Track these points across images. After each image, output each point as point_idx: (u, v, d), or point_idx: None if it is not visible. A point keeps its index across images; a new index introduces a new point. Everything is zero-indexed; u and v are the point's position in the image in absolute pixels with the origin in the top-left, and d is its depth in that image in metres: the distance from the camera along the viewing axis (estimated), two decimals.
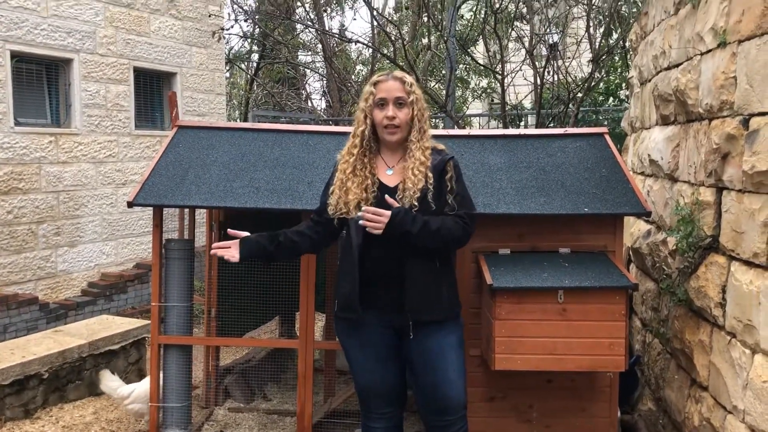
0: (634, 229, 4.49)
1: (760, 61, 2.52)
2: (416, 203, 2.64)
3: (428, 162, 2.71)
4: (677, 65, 3.55)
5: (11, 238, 6.56)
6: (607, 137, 3.81)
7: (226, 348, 5.56)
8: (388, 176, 2.77)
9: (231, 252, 2.77)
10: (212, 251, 2.83)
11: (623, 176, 3.50)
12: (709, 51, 3.05)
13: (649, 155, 4.10)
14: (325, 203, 2.79)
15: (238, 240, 2.80)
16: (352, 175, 2.72)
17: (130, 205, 3.43)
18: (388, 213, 2.58)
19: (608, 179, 3.49)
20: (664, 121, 3.86)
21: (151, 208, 3.60)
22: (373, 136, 2.79)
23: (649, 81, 4.24)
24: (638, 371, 4.20)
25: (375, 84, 2.76)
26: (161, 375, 3.74)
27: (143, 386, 4.11)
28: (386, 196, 2.65)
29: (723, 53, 2.87)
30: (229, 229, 2.83)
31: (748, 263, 2.63)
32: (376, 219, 2.58)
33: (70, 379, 4.72)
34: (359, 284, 2.68)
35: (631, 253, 4.48)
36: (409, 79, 2.79)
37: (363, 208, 2.62)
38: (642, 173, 4.36)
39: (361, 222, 2.60)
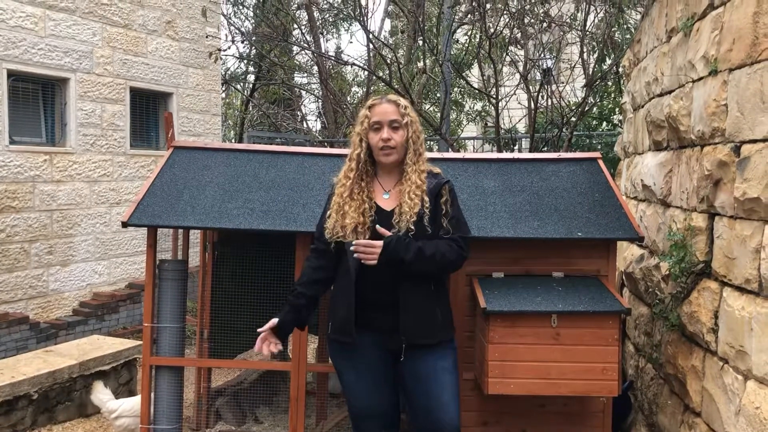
0: (627, 253, 4.50)
1: (751, 90, 2.55)
2: (412, 227, 2.65)
3: (424, 185, 2.72)
4: (669, 92, 3.59)
5: (3, 256, 6.53)
6: (601, 162, 3.84)
7: (217, 369, 5.52)
8: (385, 200, 2.78)
9: (274, 346, 2.81)
10: (263, 352, 2.80)
11: (616, 201, 3.53)
12: (701, 78, 3.09)
13: (642, 180, 4.12)
14: (322, 228, 2.80)
15: (271, 332, 2.81)
16: (349, 199, 2.73)
17: (124, 225, 3.43)
18: (380, 243, 2.59)
19: (601, 204, 3.51)
20: (657, 146, 3.89)
21: (145, 228, 3.59)
22: (369, 159, 2.81)
23: (642, 107, 4.29)
24: (631, 396, 4.19)
25: (370, 107, 2.79)
26: (152, 396, 3.71)
27: (131, 402, 4.10)
28: (377, 226, 2.66)
29: (714, 81, 2.91)
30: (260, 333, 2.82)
31: (740, 289, 2.65)
32: (368, 251, 2.60)
33: (59, 400, 4.67)
34: (354, 308, 2.68)
35: (624, 277, 4.49)
36: (403, 102, 2.82)
37: (354, 242, 2.63)
38: (635, 198, 4.39)
39: (355, 256, 2.62)
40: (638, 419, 4.09)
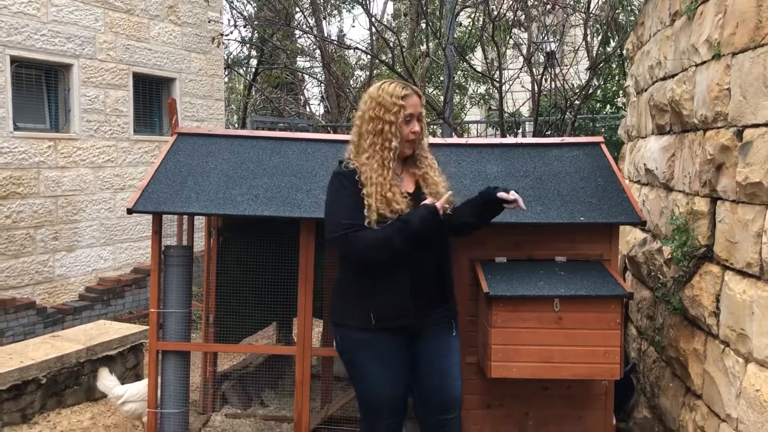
0: (630, 237, 4.52)
1: (754, 74, 2.55)
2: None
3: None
4: (672, 76, 3.59)
5: (9, 242, 6.58)
6: (604, 146, 3.84)
7: (223, 354, 5.57)
8: (402, 183, 2.86)
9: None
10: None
11: (619, 185, 3.53)
12: (704, 62, 3.08)
13: (644, 164, 4.13)
14: (358, 216, 2.70)
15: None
16: (391, 187, 2.73)
17: (129, 211, 3.45)
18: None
19: (604, 188, 3.52)
20: (660, 130, 3.89)
21: (150, 215, 3.61)
22: None
23: (645, 90, 4.28)
24: (634, 379, 4.22)
25: (403, 98, 2.76)
26: (159, 381, 3.75)
27: (137, 386, 4.14)
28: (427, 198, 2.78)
29: (717, 65, 2.91)
30: None
31: (741, 273, 2.66)
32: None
33: (67, 384, 4.73)
34: (410, 289, 2.75)
35: (626, 261, 4.50)
36: (422, 95, 2.91)
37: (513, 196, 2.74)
38: (638, 182, 4.40)
39: (514, 206, 2.73)
40: (640, 402, 4.12)
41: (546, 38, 8.87)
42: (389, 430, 2.89)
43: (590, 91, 7.96)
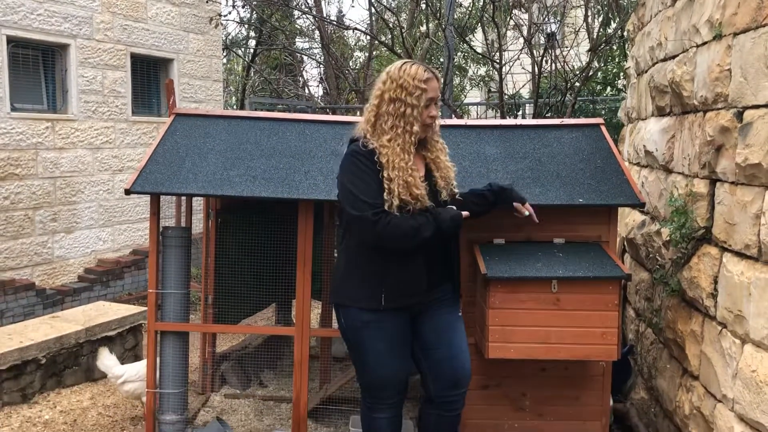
0: (629, 219, 4.51)
1: (755, 54, 2.53)
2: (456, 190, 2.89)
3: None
4: (673, 57, 3.56)
5: (8, 223, 6.57)
6: (603, 128, 3.83)
7: (222, 335, 5.59)
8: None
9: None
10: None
11: (618, 167, 3.52)
12: (705, 43, 3.06)
13: (644, 146, 4.11)
14: (378, 196, 2.68)
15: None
16: (412, 172, 2.71)
17: (127, 192, 3.44)
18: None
19: (603, 170, 3.51)
20: (660, 112, 3.87)
21: (148, 196, 3.61)
22: None
23: (646, 72, 4.25)
24: (631, 360, 4.24)
25: (426, 81, 2.73)
26: (158, 361, 3.77)
27: (136, 366, 4.16)
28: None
29: (718, 46, 2.88)
30: None
31: (739, 254, 2.66)
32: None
33: (67, 364, 4.75)
34: (425, 270, 2.79)
35: (625, 243, 4.51)
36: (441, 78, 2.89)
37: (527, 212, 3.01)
38: (638, 164, 4.38)
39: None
40: (638, 383, 4.14)
41: (547, 19, 8.81)
42: (392, 409, 2.93)
43: (591, 73, 7.92)
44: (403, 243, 2.68)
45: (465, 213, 2.82)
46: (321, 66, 13.03)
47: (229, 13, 13.66)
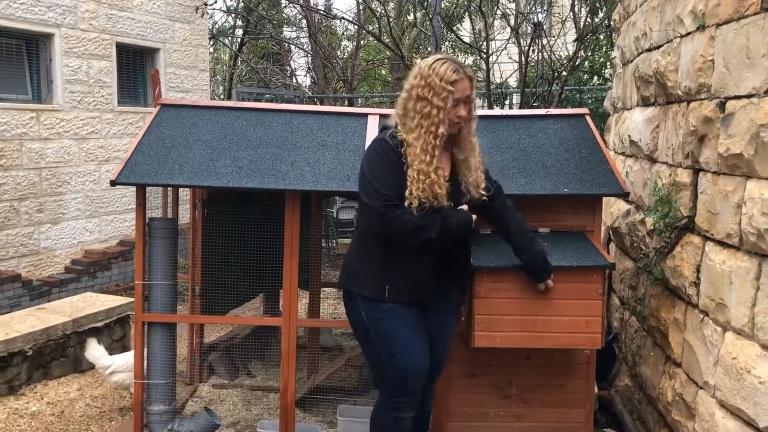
0: (614, 208, 4.55)
1: (737, 45, 2.55)
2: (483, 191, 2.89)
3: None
4: (658, 47, 3.58)
5: None
6: (588, 118, 3.85)
7: (210, 325, 5.60)
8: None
9: None
10: None
11: (603, 157, 3.55)
12: (689, 34, 3.08)
13: (629, 136, 4.14)
14: (397, 189, 2.69)
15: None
16: (435, 171, 2.69)
17: (113, 183, 3.43)
18: None
19: (588, 160, 3.53)
20: (645, 102, 3.90)
21: (134, 187, 3.60)
22: None
23: (631, 62, 4.28)
24: (616, 348, 4.29)
25: (453, 83, 2.69)
26: (146, 352, 3.77)
27: (124, 357, 4.17)
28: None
29: (702, 36, 2.91)
30: None
31: (721, 243, 2.70)
32: None
33: (54, 356, 4.74)
34: (431, 271, 2.82)
35: (610, 232, 4.54)
36: (474, 77, 2.84)
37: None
38: (623, 153, 4.41)
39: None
40: (622, 370, 4.19)
41: (533, 9, 8.81)
42: (417, 406, 2.90)
43: (577, 63, 7.94)
44: (408, 239, 2.70)
45: (474, 216, 2.82)
46: (308, 55, 12.98)
47: (216, 1, 13.57)
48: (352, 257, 2.91)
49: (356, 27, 11.16)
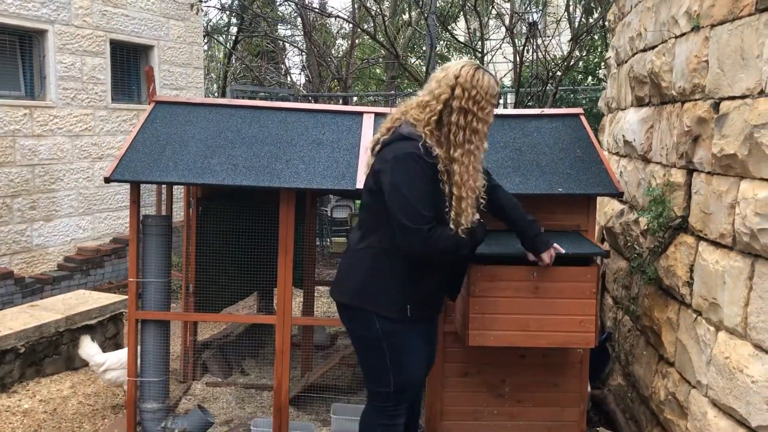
0: (608, 208, 4.56)
1: (731, 46, 2.57)
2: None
3: None
4: (652, 47, 3.60)
5: None
6: (583, 118, 3.86)
7: (204, 323, 5.59)
8: None
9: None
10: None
11: (597, 157, 3.56)
12: (683, 34, 3.09)
13: (623, 136, 4.15)
14: (435, 208, 2.59)
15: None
16: (480, 189, 2.71)
17: (107, 180, 3.42)
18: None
19: (582, 160, 3.54)
20: (639, 102, 3.91)
21: (128, 184, 3.59)
22: None
23: (626, 62, 4.29)
24: (609, 347, 4.30)
25: (495, 96, 2.67)
26: (139, 350, 3.76)
27: (118, 354, 4.16)
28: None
29: (696, 37, 2.92)
30: None
31: (714, 243, 2.71)
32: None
33: (47, 353, 4.72)
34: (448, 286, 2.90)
35: (604, 232, 4.56)
36: None
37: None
38: (617, 153, 4.43)
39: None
40: (615, 369, 4.21)
41: (528, 8, 8.83)
42: (406, 412, 2.91)
43: (572, 63, 7.96)
44: (447, 257, 2.69)
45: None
46: (303, 53, 12.96)
47: None
48: (362, 273, 2.71)
49: (351, 25, 11.15)
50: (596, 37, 8.73)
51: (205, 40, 12.70)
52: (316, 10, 11.56)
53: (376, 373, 2.78)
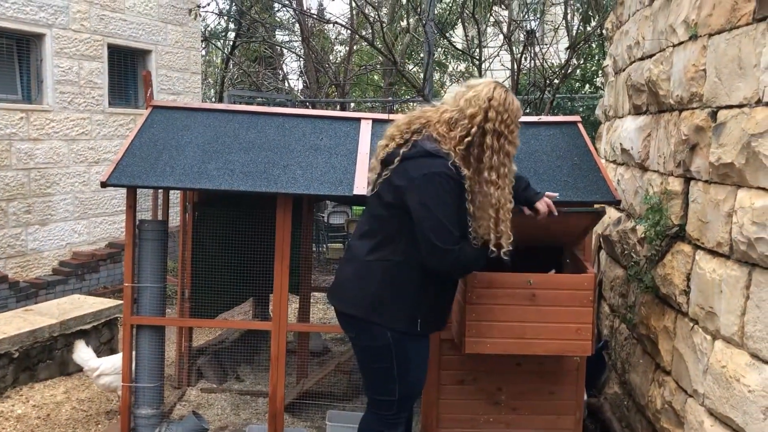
0: (605, 216, 4.56)
1: (729, 55, 2.57)
2: None
3: None
4: (650, 56, 3.60)
5: None
6: (580, 126, 3.86)
7: (199, 329, 5.57)
8: None
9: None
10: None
11: (595, 165, 3.56)
12: (681, 43, 3.10)
13: (621, 144, 4.16)
14: (458, 229, 2.60)
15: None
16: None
17: (103, 185, 3.41)
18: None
19: (580, 167, 3.55)
20: (637, 110, 3.92)
21: (125, 189, 3.58)
22: None
23: (623, 70, 4.30)
24: (606, 355, 4.30)
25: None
26: (134, 355, 3.74)
27: (112, 359, 4.13)
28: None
29: (694, 46, 2.92)
30: None
31: (711, 252, 2.71)
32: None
33: (40, 358, 4.70)
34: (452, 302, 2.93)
35: (601, 239, 4.56)
36: None
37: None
38: (614, 161, 4.43)
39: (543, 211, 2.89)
40: (612, 378, 4.20)
41: (526, 16, 8.85)
42: (403, 424, 2.91)
43: (569, 71, 7.98)
44: (464, 274, 2.82)
45: None
46: (301, 59, 12.97)
47: (208, 4, 13.56)
48: (373, 285, 2.66)
49: (349, 32, 11.17)
50: (594, 45, 8.75)
51: (203, 45, 12.71)
52: (315, 16, 11.58)
53: (380, 381, 2.76)
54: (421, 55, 11.29)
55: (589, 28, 8.07)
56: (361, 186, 3.40)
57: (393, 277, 2.65)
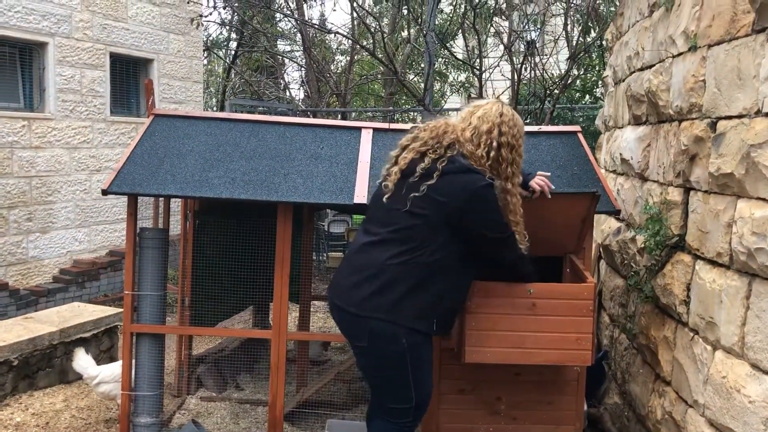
0: (605, 226, 4.57)
1: (728, 66, 2.58)
2: None
3: None
4: (650, 66, 3.62)
5: None
6: (580, 135, 3.87)
7: (199, 337, 5.56)
8: None
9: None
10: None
11: (594, 174, 3.57)
12: (681, 54, 3.11)
13: (620, 154, 4.17)
14: None
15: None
16: None
17: (104, 192, 3.42)
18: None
19: (580, 177, 3.55)
20: (636, 121, 3.93)
21: (126, 197, 3.58)
22: None
23: (623, 81, 4.31)
24: (606, 365, 4.29)
25: None
26: (133, 363, 3.74)
27: (111, 367, 4.13)
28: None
29: (693, 57, 2.94)
30: None
31: (711, 262, 2.71)
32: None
33: (40, 366, 4.69)
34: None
35: (601, 249, 4.56)
36: None
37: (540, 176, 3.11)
38: (614, 171, 4.44)
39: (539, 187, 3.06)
40: (612, 388, 4.19)
41: (527, 27, 8.89)
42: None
43: (569, 81, 8.00)
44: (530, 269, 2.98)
45: None
46: (302, 69, 13.01)
47: (210, 14, 13.60)
48: (400, 289, 2.66)
49: (350, 42, 11.21)
50: (594, 55, 8.78)
51: (205, 55, 12.76)
52: (316, 26, 11.63)
53: (396, 389, 2.78)
54: (422, 65, 11.33)
55: (589, 39, 8.11)
56: (361, 195, 3.41)
57: (417, 279, 2.68)
